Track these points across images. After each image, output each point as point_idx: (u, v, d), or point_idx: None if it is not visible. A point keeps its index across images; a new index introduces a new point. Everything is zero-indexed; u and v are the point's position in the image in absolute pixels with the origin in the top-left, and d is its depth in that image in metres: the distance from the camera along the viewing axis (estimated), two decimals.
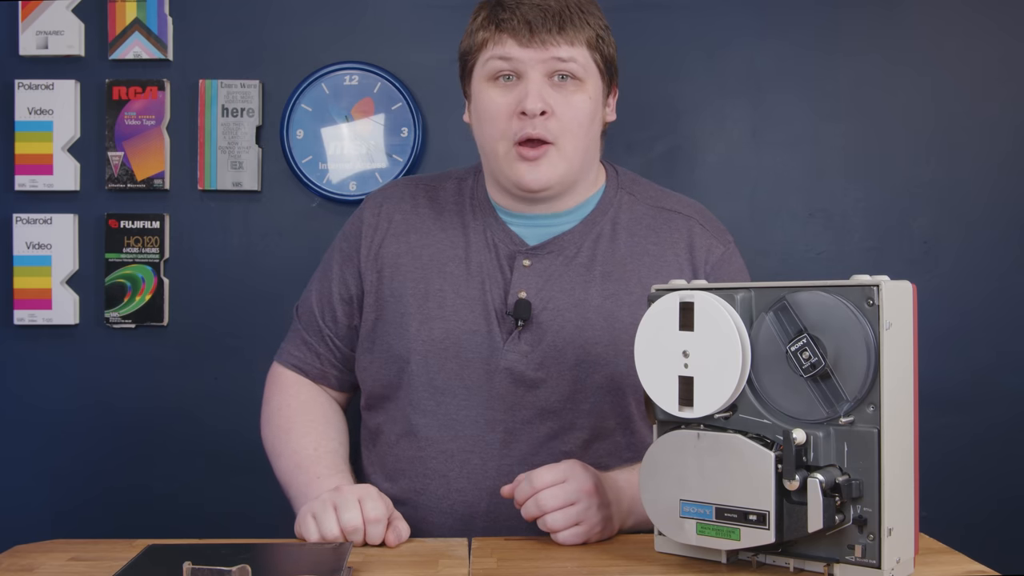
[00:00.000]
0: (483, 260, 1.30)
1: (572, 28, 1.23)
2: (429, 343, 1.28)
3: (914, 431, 0.95)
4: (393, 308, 1.31)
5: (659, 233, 1.33)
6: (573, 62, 1.23)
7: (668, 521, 0.99)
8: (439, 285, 1.30)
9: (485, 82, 1.26)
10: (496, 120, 1.25)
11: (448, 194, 1.38)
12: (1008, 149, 1.93)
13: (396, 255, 1.33)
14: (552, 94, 1.23)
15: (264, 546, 1.07)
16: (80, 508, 1.91)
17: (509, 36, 1.23)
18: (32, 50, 1.89)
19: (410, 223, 1.36)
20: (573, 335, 1.27)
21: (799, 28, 1.93)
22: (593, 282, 1.29)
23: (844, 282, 0.93)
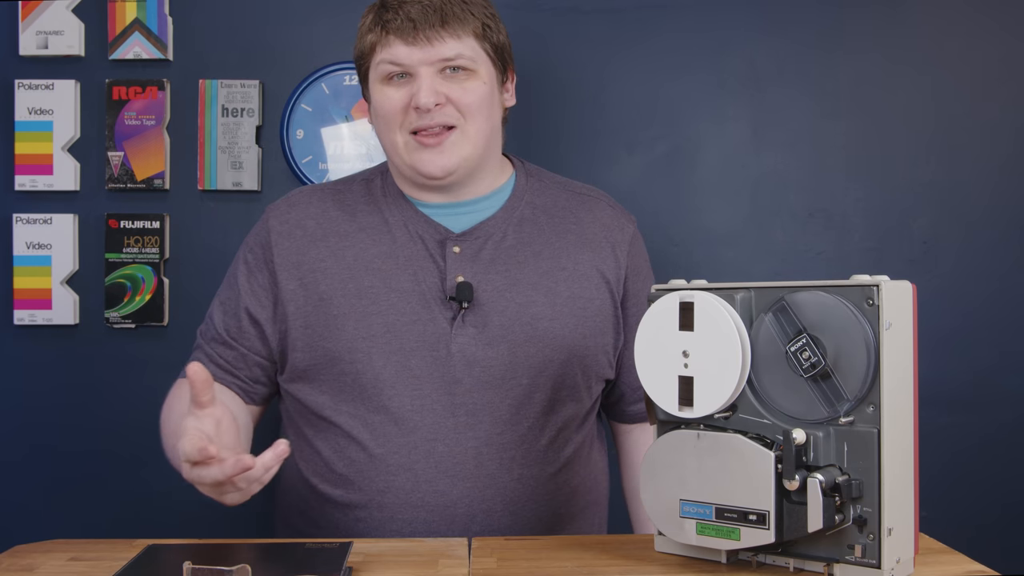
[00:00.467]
0: (411, 252, 1.31)
1: (455, 21, 1.27)
2: (369, 339, 1.28)
3: (914, 431, 0.95)
4: (323, 311, 1.30)
5: (576, 213, 1.40)
6: (461, 57, 1.27)
7: (668, 521, 0.99)
8: (369, 282, 1.30)
9: (379, 83, 1.31)
10: (392, 115, 1.29)
11: (356, 196, 1.38)
12: (1009, 149, 1.93)
13: (317, 259, 1.32)
14: (445, 84, 1.28)
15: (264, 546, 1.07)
16: (80, 508, 1.91)
17: (395, 37, 1.27)
18: (32, 50, 1.89)
19: (325, 227, 1.34)
20: (518, 312, 1.30)
21: (800, 27, 1.93)
22: (526, 262, 1.33)
23: (844, 282, 0.93)
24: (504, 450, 1.28)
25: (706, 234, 1.93)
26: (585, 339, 1.33)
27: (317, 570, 0.95)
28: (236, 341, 1.35)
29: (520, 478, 1.29)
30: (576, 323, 1.33)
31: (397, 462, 1.27)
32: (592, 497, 1.40)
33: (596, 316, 1.35)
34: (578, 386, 1.34)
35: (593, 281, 1.36)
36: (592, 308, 1.35)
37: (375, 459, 1.28)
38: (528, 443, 1.29)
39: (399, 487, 1.27)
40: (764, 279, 0.99)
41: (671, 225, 1.93)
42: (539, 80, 1.91)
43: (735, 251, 1.93)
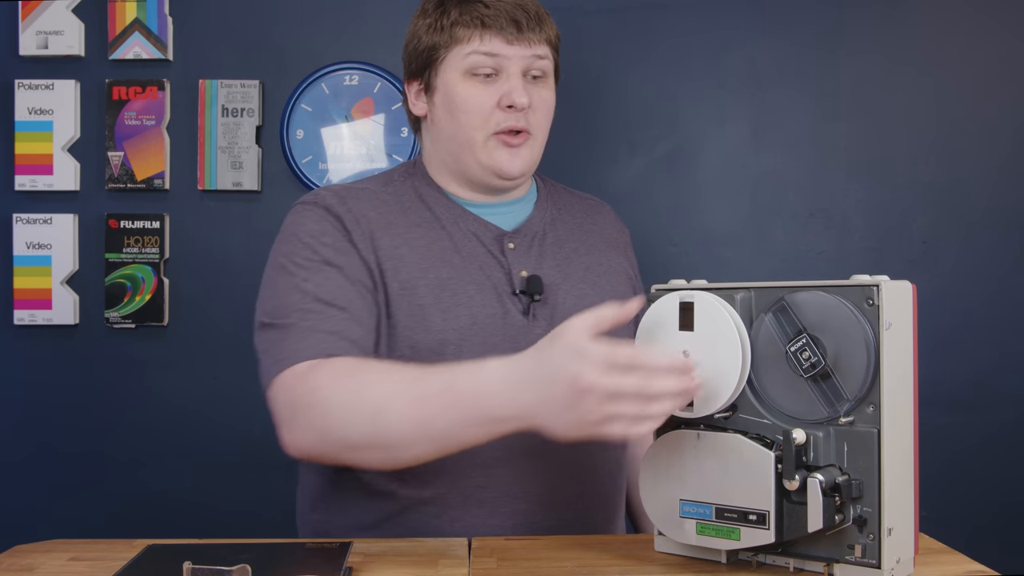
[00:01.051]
0: (471, 247, 1.31)
1: (546, 26, 1.32)
2: (459, 331, 1.25)
3: (914, 431, 0.95)
4: (407, 301, 1.24)
5: (589, 215, 1.44)
6: (547, 59, 1.32)
7: (668, 521, 0.99)
8: (447, 273, 1.27)
9: (461, 74, 1.29)
10: (477, 112, 1.29)
11: (398, 194, 1.34)
12: (1008, 149, 1.93)
13: (393, 247, 1.27)
14: (530, 87, 1.30)
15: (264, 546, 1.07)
16: (80, 508, 1.92)
17: (496, 33, 1.27)
18: (32, 50, 1.89)
19: (385, 218, 1.28)
20: (576, 304, 1.31)
21: (800, 28, 1.93)
22: (569, 258, 1.36)
23: (844, 282, 0.93)
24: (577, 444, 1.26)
25: (706, 234, 1.93)
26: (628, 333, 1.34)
27: (317, 570, 0.95)
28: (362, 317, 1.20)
29: (601, 461, 1.31)
30: None
31: (495, 456, 1.22)
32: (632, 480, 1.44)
33: None
34: None
35: (622, 278, 1.41)
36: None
37: (471, 454, 1.14)
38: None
39: (499, 480, 1.24)
40: (764, 279, 0.99)
41: (671, 225, 1.93)
42: None
43: (735, 251, 1.93)
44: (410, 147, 1.91)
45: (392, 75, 1.91)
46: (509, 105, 1.27)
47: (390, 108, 1.91)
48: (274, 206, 1.92)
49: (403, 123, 1.91)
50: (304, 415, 1.09)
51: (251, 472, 1.91)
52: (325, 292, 1.20)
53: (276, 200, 1.92)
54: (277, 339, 1.17)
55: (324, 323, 1.17)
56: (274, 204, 1.92)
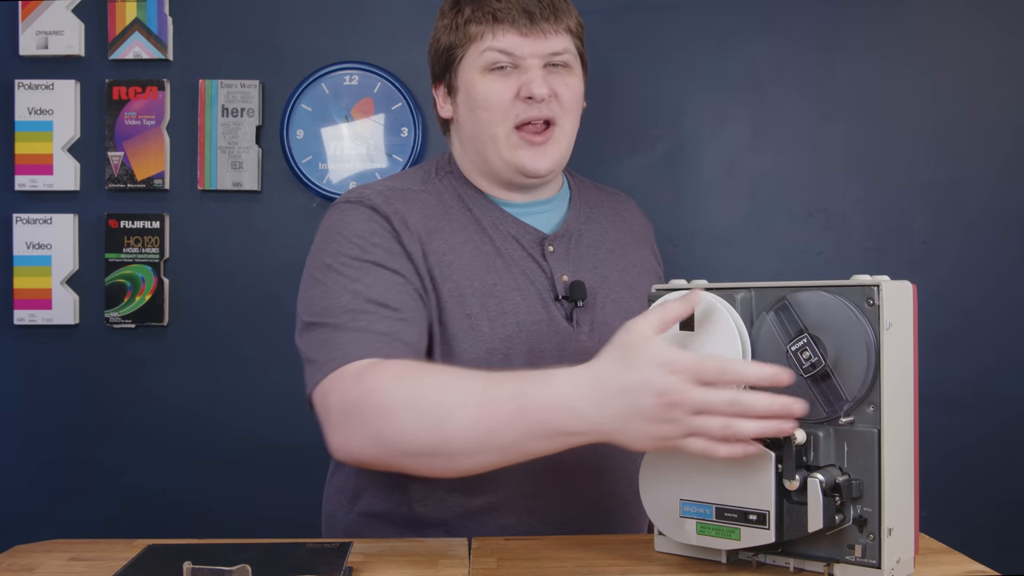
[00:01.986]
0: (512, 252, 1.28)
1: (564, 15, 1.28)
2: (505, 340, 1.23)
3: (914, 431, 0.95)
4: (457, 310, 1.22)
5: (618, 211, 1.42)
6: (567, 52, 1.28)
7: (668, 521, 0.99)
8: (493, 279, 1.25)
9: (480, 72, 1.27)
10: (496, 106, 1.26)
11: (439, 194, 1.31)
12: (1008, 149, 1.93)
13: (439, 253, 1.23)
14: (551, 77, 1.27)
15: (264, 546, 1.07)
16: (80, 508, 1.92)
17: (509, 27, 1.25)
18: (32, 50, 1.89)
19: (430, 223, 1.25)
20: (615, 308, 1.30)
21: (800, 28, 1.93)
22: (605, 260, 1.34)
23: (844, 282, 0.93)
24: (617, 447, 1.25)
25: (706, 234, 1.93)
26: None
27: (317, 570, 0.95)
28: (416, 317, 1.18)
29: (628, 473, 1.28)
30: None
31: (544, 463, 1.08)
32: None
33: None
34: None
35: (655, 275, 1.40)
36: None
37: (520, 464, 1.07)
38: None
39: (550, 488, 1.23)
40: (764, 279, 0.99)
41: (671, 225, 1.93)
42: None
43: (735, 251, 1.93)
44: (410, 147, 1.91)
45: (392, 75, 1.91)
46: (528, 96, 1.24)
47: (390, 108, 1.91)
48: (274, 206, 1.92)
49: (403, 123, 1.91)
50: (360, 418, 1.04)
51: (251, 472, 1.91)
52: (377, 293, 1.15)
53: (276, 200, 1.92)
54: (326, 339, 1.12)
55: (377, 324, 1.12)
56: (274, 204, 1.92)
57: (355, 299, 1.14)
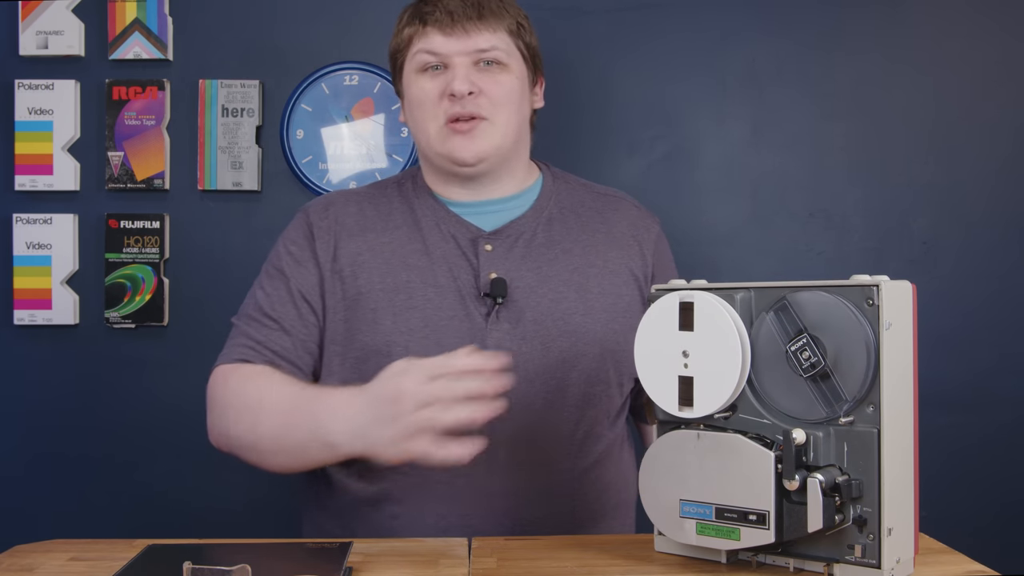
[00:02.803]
0: (444, 250, 1.34)
1: (491, 16, 1.32)
2: (408, 333, 1.29)
3: (914, 431, 0.95)
4: (363, 306, 1.31)
5: (603, 213, 1.43)
6: (496, 49, 1.32)
7: (668, 521, 0.99)
8: (406, 277, 1.32)
9: (415, 74, 1.34)
10: (427, 104, 1.33)
11: (389, 198, 1.41)
12: (1008, 149, 1.93)
13: (355, 253, 1.34)
14: (479, 76, 1.32)
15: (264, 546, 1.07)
16: (80, 508, 1.92)
17: (433, 28, 1.31)
18: (32, 50, 1.89)
19: (362, 224, 1.36)
20: (550, 308, 1.32)
21: (800, 28, 1.93)
22: (556, 259, 1.36)
23: (844, 282, 0.93)
24: (539, 442, 1.29)
25: (706, 234, 1.93)
26: (616, 335, 1.35)
27: (317, 570, 0.95)
28: (292, 327, 1.32)
29: (555, 471, 1.30)
30: (608, 319, 1.35)
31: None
32: (623, 497, 1.41)
33: (627, 312, 1.37)
34: (610, 381, 1.35)
35: (623, 278, 1.39)
36: (622, 304, 1.37)
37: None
38: (562, 436, 1.31)
39: (437, 480, 1.26)
40: (764, 279, 0.99)
41: (671, 225, 1.92)
42: None
43: (735, 251, 1.93)
44: (410, 147, 1.91)
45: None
46: (451, 94, 1.30)
47: (390, 108, 1.91)
48: (274, 206, 1.92)
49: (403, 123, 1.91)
50: (212, 412, 1.29)
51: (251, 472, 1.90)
52: (267, 302, 1.33)
53: (276, 200, 1.92)
54: (228, 339, 1.35)
55: (257, 332, 1.32)
56: (274, 204, 1.92)
57: (253, 306, 1.35)
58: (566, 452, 1.31)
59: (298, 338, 1.32)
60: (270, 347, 1.31)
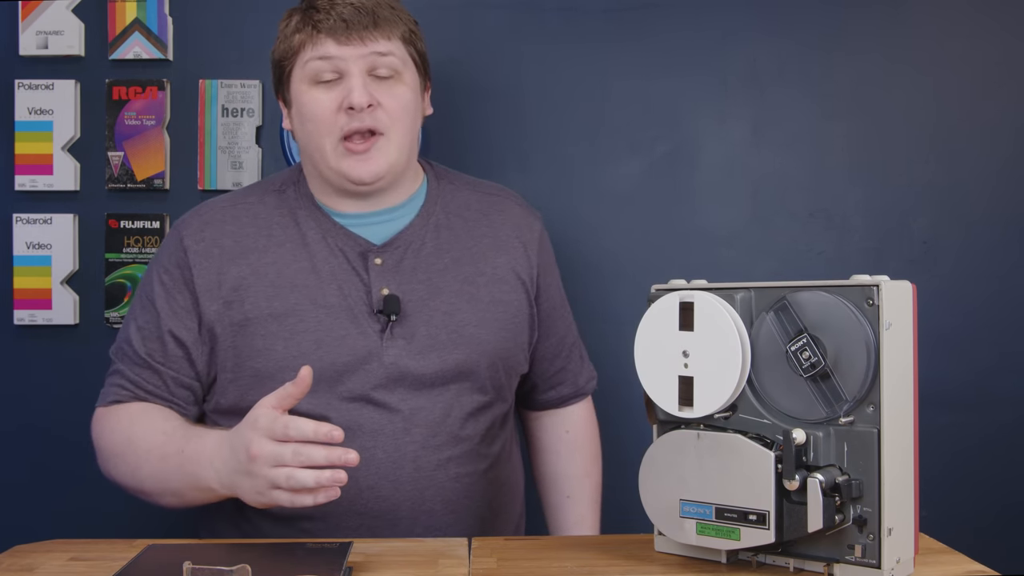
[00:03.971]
0: (333, 266, 1.31)
1: (386, 23, 1.28)
2: (300, 357, 1.26)
3: (914, 431, 0.95)
4: (251, 332, 1.28)
5: (489, 215, 1.43)
6: (392, 55, 1.28)
7: (668, 521, 0.99)
8: (295, 299, 1.29)
9: (306, 84, 1.30)
10: (322, 119, 1.28)
11: (270, 209, 1.36)
12: (1009, 149, 1.93)
13: (238, 278, 1.30)
14: (375, 88, 1.28)
15: (264, 546, 1.07)
16: (80, 508, 1.91)
17: (327, 36, 1.27)
18: (32, 50, 1.89)
19: (243, 244, 1.32)
20: (444, 320, 1.32)
21: (801, 28, 1.93)
22: (447, 269, 1.35)
23: (844, 282, 0.93)
24: (439, 452, 1.30)
25: (706, 234, 1.93)
26: (507, 340, 1.37)
27: (317, 570, 0.95)
28: (163, 365, 1.31)
29: (456, 477, 1.31)
30: (499, 326, 1.36)
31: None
32: (516, 490, 1.45)
33: (516, 317, 1.39)
34: (503, 386, 1.38)
35: (511, 283, 1.39)
36: (512, 310, 1.39)
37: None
38: (461, 443, 1.32)
39: (342, 496, 1.23)
40: (764, 279, 0.99)
41: (671, 225, 1.93)
42: (539, 80, 1.91)
43: (735, 251, 1.93)
44: None
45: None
46: (350, 107, 1.25)
47: None
48: None
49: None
50: (97, 455, 1.33)
51: None
52: (138, 338, 1.32)
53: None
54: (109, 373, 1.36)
55: (129, 370, 1.32)
56: None
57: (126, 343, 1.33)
58: (467, 458, 1.33)
59: (168, 375, 1.31)
60: (142, 387, 1.32)
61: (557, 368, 1.51)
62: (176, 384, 1.32)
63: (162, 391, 1.32)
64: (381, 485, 1.27)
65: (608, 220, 1.91)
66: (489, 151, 1.89)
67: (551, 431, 1.53)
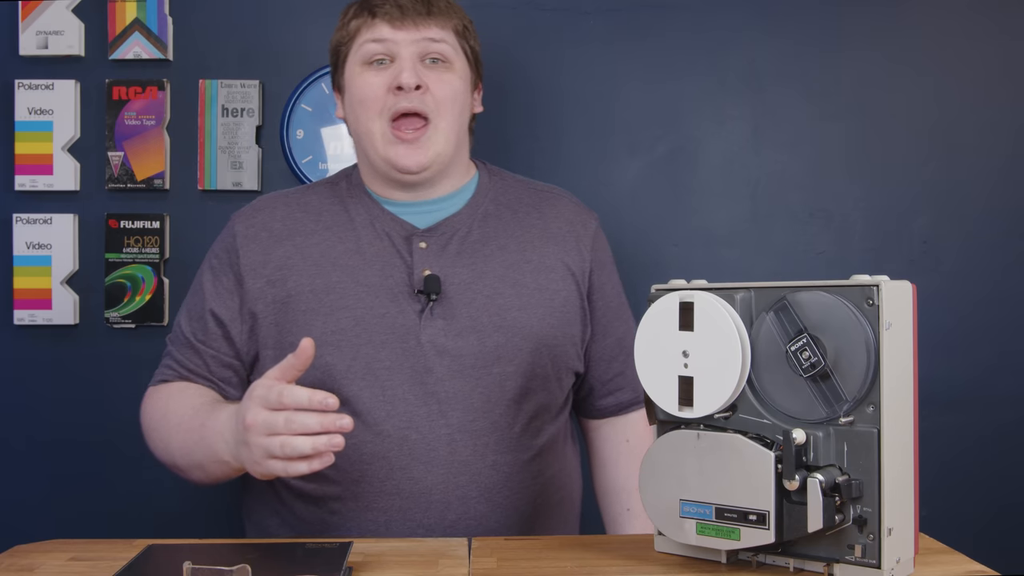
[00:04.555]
0: (378, 248, 1.34)
1: (440, 13, 1.33)
2: (338, 333, 1.29)
3: (914, 431, 0.95)
4: (292, 309, 1.32)
5: (540, 209, 1.43)
6: (444, 43, 1.33)
7: (668, 521, 0.99)
8: (336, 277, 1.32)
9: (359, 67, 1.34)
10: (371, 100, 1.32)
11: (321, 198, 1.41)
12: (1009, 149, 1.93)
13: (283, 258, 1.34)
14: (425, 72, 1.32)
15: (264, 546, 1.07)
16: (80, 508, 1.92)
17: (382, 20, 1.32)
18: (32, 50, 1.89)
19: (291, 228, 1.37)
20: (485, 304, 1.32)
21: (800, 27, 1.93)
22: (492, 255, 1.36)
23: (844, 282, 0.93)
24: (477, 437, 1.30)
25: (706, 234, 1.93)
26: (553, 329, 1.36)
27: (317, 570, 0.95)
28: (203, 344, 1.37)
29: (494, 464, 1.30)
30: (544, 313, 1.36)
31: (371, 451, 1.28)
32: (566, 493, 1.43)
33: (563, 307, 1.38)
34: (548, 376, 1.36)
35: (559, 273, 1.39)
36: (559, 299, 1.38)
37: (348, 449, 1.25)
38: (501, 430, 1.31)
39: (373, 475, 1.28)
40: (764, 279, 0.99)
41: (671, 225, 1.93)
42: (539, 80, 1.91)
43: (735, 251, 1.93)
44: None
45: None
46: (398, 86, 1.29)
47: None
48: None
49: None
50: (143, 432, 1.37)
51: None
52: (185, 321, 1.39)
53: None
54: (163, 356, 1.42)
55: (176, 351, 1.38)
56: None
57: (177, 326, 1.40)
58: (507, 446, 1.32)
59: (208, 354, 1.36)
60: (185, 366, 1.37)
61: (615, 372, 1.47)
62: (217, 363, 1.36)
63: (203, 370, 1.37)
64: (414, 466, 1.27)
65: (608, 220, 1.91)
66: (489, 151, 1.89)
67: (610, 440, 1.50)
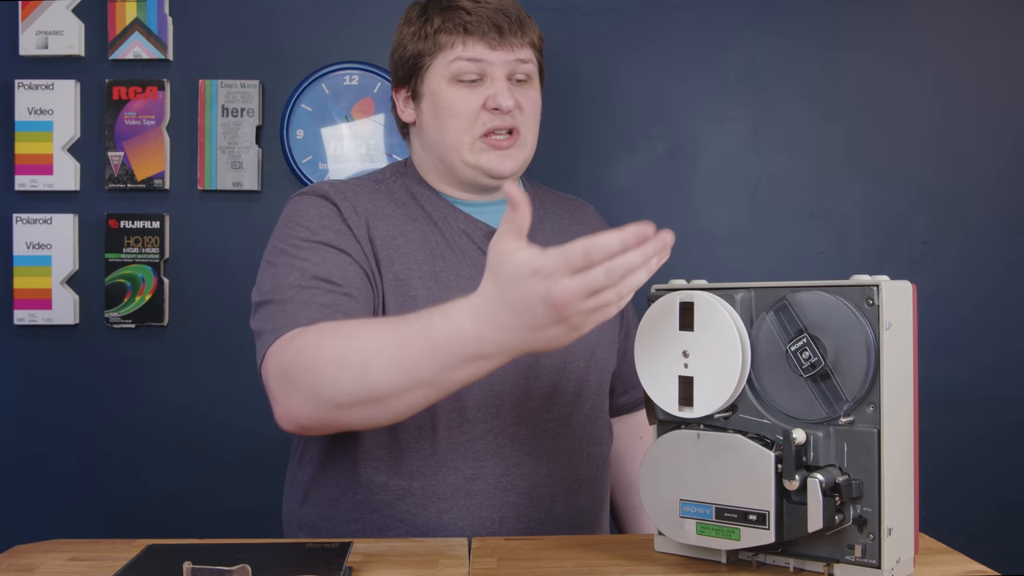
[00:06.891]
0: (461, 243, 1.33)
1: (528, 30, 1.35)
2: None
3: (914, 431, 0.95)
4: (402, 292, 1.27)
5: (575, 216, 1.47)
6: (530, 63, 1.34)
7: (668, 521, 0.99)
8: (440, 267, 1.31)
9: (446, 82, 1.32)
10: (465, 116, 1.31)
11: (393, 190, 1.37)
12: (1009, 149, 1.93)
13: (388, 237, 1.30)
14: (515, 90, 1.33)
15: (264, 546, 1.07)
16: (80, 508, 1.92)
17: (479, 39, 1.31)
18: (32, 50, 1.89)
19: (380, 210, 1.32)
20: None
21: (800, 28, 1.93)
22: None
23: (844, 282, 0.93)
24: (574, 430, 1.32)
25: (706, 234, 1.93)
26: (609, 326, 1.39)
27: (317, 570, 0.95)
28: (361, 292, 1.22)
29: (588, 456, 1.33)
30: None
31: (484, 448, 1.26)
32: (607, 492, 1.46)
33: None
34: (605, 370, 1.40)
35: None
36: None
37: (460, 446, 1.26)
38: (590, 423, 1.35)
39: (489, 472, 1.26)
40: (764, 279, 0.99)
41: (671, 225, 1.91)
42: None
43: (735, 251, 1.93)
44: None
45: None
46: (495, 108, 1.30)
47: (390, 108, 1.91)
48: (274, 206, 1.92)
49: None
50: (294, 378, 1.09)
51: (251, 472, 1.91)
52: (323, 270, 1.21)
53: (276, 200, 1.92)
54: (272, 314, 1.18)
55: (319, 297, 1.18)
56: (274, 204, 1.92)
57: (301, 276, 1.20)
58: (596, 438, 1.35)
59: (366, 305, 1.22)
60: (342, 310, 1.17)
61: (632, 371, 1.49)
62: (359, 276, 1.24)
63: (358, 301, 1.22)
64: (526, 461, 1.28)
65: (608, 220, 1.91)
66: None
67: (625, 437, 1.53)
